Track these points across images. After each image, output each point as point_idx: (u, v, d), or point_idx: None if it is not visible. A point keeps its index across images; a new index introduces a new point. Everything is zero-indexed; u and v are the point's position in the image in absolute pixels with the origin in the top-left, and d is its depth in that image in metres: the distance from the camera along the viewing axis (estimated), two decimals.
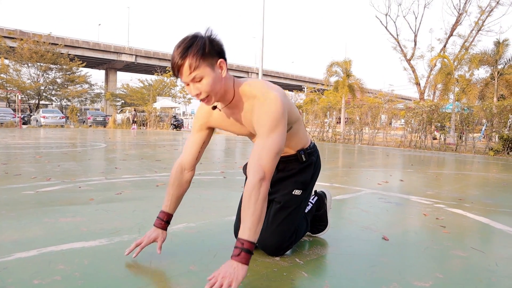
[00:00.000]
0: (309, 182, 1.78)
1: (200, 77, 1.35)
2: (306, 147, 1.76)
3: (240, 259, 1.27)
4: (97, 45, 39.32)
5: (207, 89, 1.37)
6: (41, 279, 1.40)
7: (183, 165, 1.67)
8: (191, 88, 1.39)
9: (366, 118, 13.33)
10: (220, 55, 1.39)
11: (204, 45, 1.34)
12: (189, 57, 1.32)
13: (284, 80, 53.40)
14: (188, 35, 1.37)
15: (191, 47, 1.32)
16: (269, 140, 1.38)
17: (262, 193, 1.33)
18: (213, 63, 1.37)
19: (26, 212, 2.40)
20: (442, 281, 1.50)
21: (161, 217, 1.68)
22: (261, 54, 18.57)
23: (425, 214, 2.64)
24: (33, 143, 9.00)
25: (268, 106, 1.40)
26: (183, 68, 1.33)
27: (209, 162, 5.63)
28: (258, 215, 1.32)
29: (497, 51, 16.81)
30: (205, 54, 1.33)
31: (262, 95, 1.43)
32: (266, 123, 1.39)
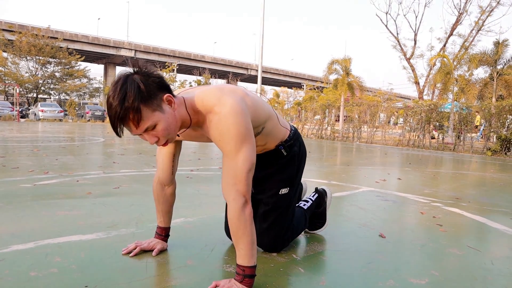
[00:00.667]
0: (295, 176, 1.71)
1: (153, 124, 1.19)
2: (286, 139, 1.63)
3: (244, 284, 1.28)
4: (96, 39, 39.19)
5: (164, 134, 1.23)
6: (38, 271, 1.40)
7: (162, 182, 1.62)
8: (147, 138, 1.23)
9: (365, 117, 13.33)
10: (162, 90, 1.22)
11: (140, 89, 1.15)
12: (130, 111, 1.14)
13: (284, 77, 53.36)
14: (117, 79, 1.18)
15: (125, 98, 1.13)
16: (239, 159, 1.26)
17: (248, 218, 1.27)
18: (158, 103, 1.20)
19: (23, 205, 2.40)
20: (437, 278, 1.51)
21: (159, 232, 1.69)
22: (260, 51, 18.53)
23: (422, 213, 2.65)
24: (31, 136, 8.98)
25: (226, 121, 1.24)
26: (127, 124, 1.17)
27: (207, 158, 5.62)
28: (250, 240, 1.28)
29: (496, 51, 16.81)
30: (144, 98, 1.16)
31: (217, 106, 1.26)
32: (230, 142, 1.25)
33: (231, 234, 1.31)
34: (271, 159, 1.65)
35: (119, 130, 1.18)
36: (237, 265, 1.30)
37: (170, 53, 43.55)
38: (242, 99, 1.33)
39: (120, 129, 1.18)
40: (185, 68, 43.90)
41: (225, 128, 1.24)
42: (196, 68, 35.14)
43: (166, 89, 1.24)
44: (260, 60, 18.74)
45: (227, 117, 1.24)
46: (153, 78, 1.21)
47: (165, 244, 1.68)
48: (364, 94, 20.32)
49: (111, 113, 1.15)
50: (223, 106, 1.26)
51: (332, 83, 20.03)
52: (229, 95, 1.29)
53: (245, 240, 1.28)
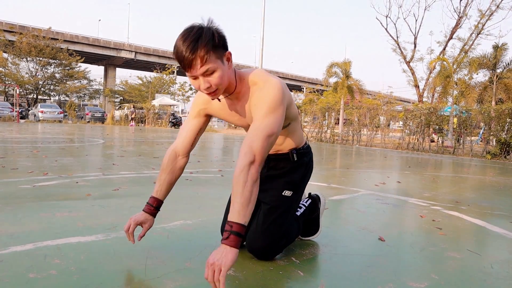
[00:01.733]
0: (300, 183, 1.72)
1: (212, 70, 1.30)
2: (300, 147, 1.72)
3: (229, 242, 1.23)
4: (96, 41, 39.25)
5: (217, 82, 1.33)
6: (37, 273, 1.40)
7: (177, 151, 1.64)
8: (201, 82, 1.33)
9: (364, 120, 13.34)
10: (226, 47, 1.36)
11: (213, 37, 1.29)
12: (200, 50, 1.25)
13: (284, 80, 53.34)
14: (192, 26, 1.30)
15: (200, 38, 1.26)
16: (264, 122, 1.35)
17: (251, 176, 1.28)
18: (221, 56, 1.33)
19: (22, 206, 2.39)
20: (437, 282, 1.50)
21: (151, 202, 1.63)
22: (261, 54, 18.58)
23: (422, 216, 2.65)
24: (31, 137, 8.98)
25: (267, 90, 1.39)
26: (194, 61, 1.27)
27: (207, 160, 5.62)
28: (247, 197, 1.27)
29: (495, 55, 16.86)
30: (215, 46, 1.29)
31: (263, 81, 1.42)
32: (264, 106, 1.37)
33: (232, 189, 1.29)
34: (281, 163, 1.70)
35: (187, 66, 1.28)
36: (227, 222, 1.27)
37: (170, 55, 43.42)
38: (285, 85, 1.47)
39: (187, 66, 1.28)
40: None
41: (264, 95, 1.39)
42: None
43: (227, 48, 1.37)
44: (260, 62, 18.77)
45: (269, 88, 1.39)
46: (221, 34, 1.34)
47: (152, 220, 1.62)
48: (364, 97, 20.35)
49: (182, 50, 1.26)
50: (269, 82, 1.42)
51: (332, 86, 20.06)
52: (276, 78, 1.46)
53: (242, 196, 1.26)
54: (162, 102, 27.83)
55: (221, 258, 1.21)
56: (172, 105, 29.56)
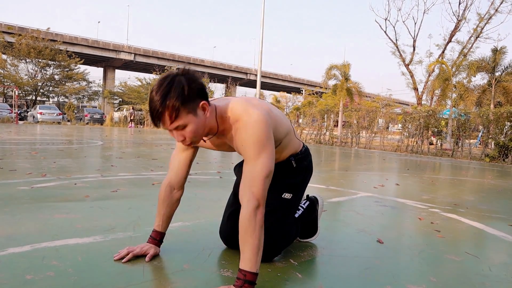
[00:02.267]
0: (300, 185, 1.74)
1: (184, 125, 1.28)
2: (297, 152, 1.70)
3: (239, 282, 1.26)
4: (96, 42, 39.26)
5: (191, 136, 1.31)
6: (34, 275, 1.39)
7: (172, 185, 1.63)
8: (175, 135, 1.32)
9: (363, 122, 13.36)
10: (201, 97, 1.31)
11: (183, 90, 1.24)
12: (169, 106, 1.23)
13: (283, 82, 53.47)
14: (165, 77, 1.28)
15: (169, 93, 1.23)
16: (258, 164, 1.33)
17: (258, 223, 1.30)
18: (194, 107, 1.29)
19: (20, 207, 2.39)
20: (435, 284, 1.50)
21: (154, 236, 1.67)
22: (260, 56, 18.60)
23: (420, 218, 2.65)
24: (29, 139, 8.96)
25: (252, 129, 1.33)
26: (163, 117, 1.25)
27: (206, 162, 5.62)
28: (257, 245, 1.28)
29: (494, 58, 16.90)
30: (185, 100, 1.25)
31: (244, 116, 1.35)
32: (252, 147, 1.33)
33: (240, 235, 1.30)
34: (280, 169, 1.67)
35: (156, 121, 1.27)
36: (239, 269, 1.28)
37: (170, 57, 43.65)
38: (267, 112, 1.42)
39: (157, 121, 1.27)
40: None
41: (249, 135, 1.33)
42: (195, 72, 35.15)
43: (204, 96, 1.33)
44: (259, 64, 18.80)
45: (252, 125, 1.33)
46: (196, 84, 1.30)
47: (158, 250, 1.66)
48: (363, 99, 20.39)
49: (152, 105, 1.25)
50: (250, 116, 1.34)
51: (331, 89, 20.09)
52: (256, 107, 1.39)
53: (252, 243, 1.28)
54: None
55: None
56: None
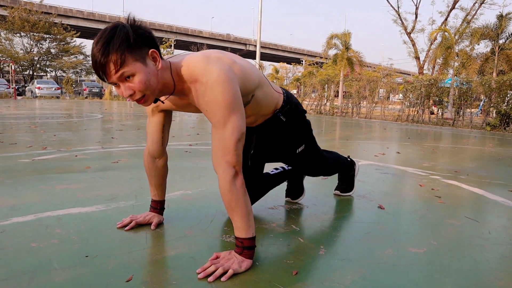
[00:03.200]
0: (303, 131, 1.72)
1: (131, 73, 1.15)
2: (282, 105, 1.59)
3: (244, 255, 1.27)
4: (91, 14, 38.40)
5: (141, 88, 1.17)
6: (39, 242, 1.41)
7: (152, 154, 1.59)
8: (122, 89, 1.17)
9: (364, 92, 13.24)
10: (150, 45, 1.19)
11: (128, 36, 1.12)
12: (112, 53, 1.10)
13: (282, 53, 52.67)
14: (106, 27, 1.15)
15: (112, 40, 1.11)
16: (227, 130, 1.21)
17: (240, 190, 1.25)
18: (143, 56, 1.17)
19: (22, 179, 2.39)
20: (436, 247, 1.52)
21: (154, 206, 1.67)
22: (259, 26, 18.22)
23: (421, 185, 2.66)
24: (28, 113, 8.92)
25: (215, 91, 1.19)
26: (107, 67, 1.12)
27: (206, 133, 5.61)
28: (245, 211, 1.26)
29: (499, 24, 16.53)
30: (131, 46, 1.13)
31: (203, 76, 1.21)
32: (218, 112, 1.21)
33: (225, 207, 1.27)
34: (272, 127, 1.63)
35: (100, 72, 1.14)
36: (235, 237, 1.29)
37: (167, 28, 42.77)
38: (230, 67, 1.26)
39: (101, 71, 1.14)
40: (183, 44, 43.21)
41: (212, 98, 1.20)
42: (193, 43, 34.60)
43: (154, 45, 1.21)
44: (259, 35, 18.45)
45: (214, 86, 1.19)
46: (142, 31, 1.18)
47: (161, 217, 1.67)
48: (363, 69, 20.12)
49: (94, 56, 1.12)
50: (210, 75, 1.20)
51: (331, 59, 19.79)
52: (216, 64, 1.23)
53: (240, 211, 1.25)
54: None
55: (234, 263, 1.24)
56: None
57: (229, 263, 1.24)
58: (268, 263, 1.32)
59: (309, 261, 1.35)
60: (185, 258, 1.33)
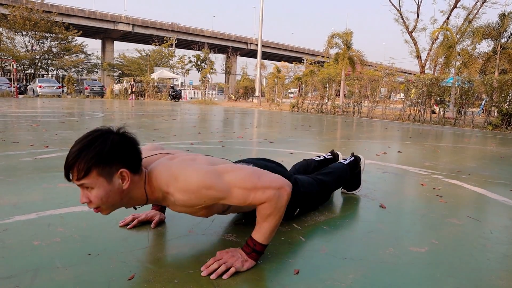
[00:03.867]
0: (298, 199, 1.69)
1: (90, 186, 1.14)
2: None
3: (251, 257, 1.27)
4: (92, 13, 38.45)
5: (96, 202, 1.16)
6: (41, 241, 1.41)
7: None
8: (81, 195, 1.18)
9: (365, 91, 13.22)
10: (125, 163, 1.17)
11: (102, 151, 1.12)
12: (79, 161, 1.11)
13: (284, 52, 52.66)
14: (96, 130, 1.18)
15: (86, 149, 1.12)
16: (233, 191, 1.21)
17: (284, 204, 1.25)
18: (111, 173, 1.15)
19: (24, 177, 2.40)
20: (437, 247, 1.52)
21: (155, 208, 1.69)
22: (260, 25, 18.20)
23: (423, 184, 2.66)
24: (30, 112, 8.93)
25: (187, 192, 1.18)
26: (71, 171, 1.13)
27: (207, 132, 5.61)
28: (276, 223, 1.27)
29: (502, 24, 16.48)
30: (100, 161, 1.12)
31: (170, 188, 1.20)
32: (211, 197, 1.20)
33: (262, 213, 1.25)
34: None
35: (66, 171, 1.15)
36: (251, 237, 1.28)
37: (169, 27, 42.80)
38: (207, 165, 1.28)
39: (66, 171, 1.15)
40: (184, 43, 43.21)
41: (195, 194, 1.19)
42: (195, 42, 34.58)
43: (130, 164, 1.19)
44: (260, 34, 18.43)
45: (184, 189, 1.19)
46: (126, 148, 1.18)
47: (163, 216, 1.68)
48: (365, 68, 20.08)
49: (69, 153, 1.14)
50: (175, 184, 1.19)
51: (332, 57, 19.76)
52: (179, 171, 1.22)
53: (273, 223, 1.26)
54: (161, 75, 27.54)
55: (238, 260, 1.25)
56: (171, 78, 29.28)
57: (232, 260, 1.24)
58: (269, 262, 1.32)
59: (311, 260, 1.36)
60: (187, 257, 1.33)
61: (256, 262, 1.28)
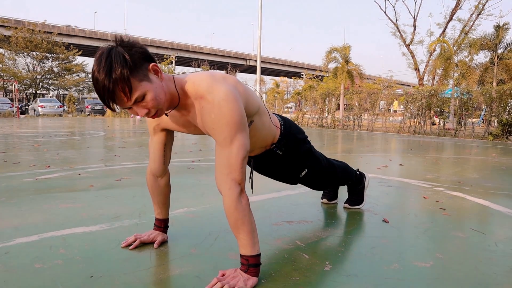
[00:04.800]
0: (305, 157, 1.78)
1: (141, 95, 1.15)
2: (278, 139, 1.63)
3: (250, 273, 1.26)
4: (93, 33, 38.98)
5: (153, 105, 1.18)
6: (43, 263, 1.40)
7: (154, 173, 1.59)
8: (137, 111, 1.19)
9: (365, 104, 13.28)
10: (147, 60, 1.18)
11: (124, 61, 1.11)
12: (118, 82, 1.10)
13: (283, 67, 53.09)
14: (100, 53, 1.13)
15: (111, 70, 1.09)
16: (233, 148, 1.22)
17: (245, 207, 1.26)
18: (145, 73, 1.17)
19: (26, 199, 2.40)
20: (442, 261, 1.50)
21: (158, 224, 1.67)
22: (259, 41, 18.40)
23: (425, 197, 2.65)
24: (32, 132, 8.97)
25: (221, 109, 1.20)
26: (116, 96, 1.13)
27: (208, 149, 5.62)
28: (250, 228, 1.26)
29: (497, 35, 16.67)
30: (131, 69, 1.12)
31: (210, 94, 1.22)
32: (225, 130, 1.21)
33: (230, 225, 1.27)
34: (269, 159, 1.70)
35: (110, 103, 1.14)
36: (241, 255, 1.28)
37: (168, 45, 43.31)
38: (235, 86, 1.29)
39: (111, 103, 1.14)
40: (184, 60, 43.68)
41: (219, 116, 1.20)
42: (194, 59, 34.96)
43: (151, 59, 1.20)
44: (259, 50, 18.62)
45: (221, 104, 1.20)
46: (136, 48, 1.16)
47: (165, 236, 1.66)
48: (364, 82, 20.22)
49: (99, 88, 1.11)
50: (216, 94, 1.21)
51: (331, 72, 19.92)
52: (222, 83, 1.25)
53: (245, 229, 1.25)
54: None
55: (240, 280, 1.23)
56: None
57: (235, 281, 1.23)
58: (273, 280, 1.31)
59: (315, 277, 1.34)
60: (190, 277, 1.32)
61: (258, 278, 1.27)
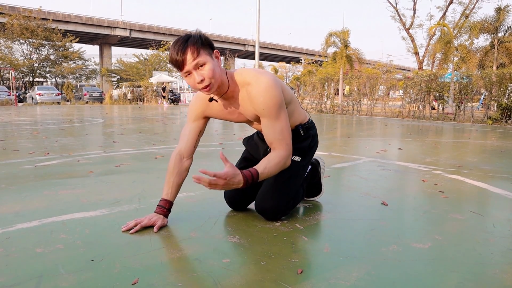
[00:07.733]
0: (308, 150, 1.84)
1: (203, 63, 1.43)
2: (304, 123, 1.82)
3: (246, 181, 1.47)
4: (90, 19, 38.43)
5: (210, 75, 1.44)
6: (44, 248, 1.41)
7: (182, 153, 1.72)
8: (195, 76, 1.44)
9: (364, 89, 13.23)
10: (212, 47, 1.49)
11: (200, 38, 1.45)
12: (190, 47, 1.41)
13: (281, 52, 52.64)
14: (181, 36, 1.48)
15: (189, 39, 1.43)
16: (282, 121, 1.56)
17: (286, 164, 1.60)
18: (210, 53, 1.47)
19: (26, 185, 2.40)
20: (440, 242, 1.52)
21: (163, 204, 1.68)
22: (257, 26, 18.20)
23: (424, 180, 2.66)
24: (30, 120, 8.94)
25: (268, 93, 1.52)
26: (186, 56, 1.41)
27: (207, 134, 5.61)
28: (273, 173, 1.57)
29: (497, 18, 16.48)
30: (203, 44, 1.44)
31: (256, 81, 1.53)
32: (273, 109, 1.53)
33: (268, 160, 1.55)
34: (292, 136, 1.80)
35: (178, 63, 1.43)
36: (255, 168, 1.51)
37: (166, 31, 42.79)
38: (275, 77, 1.59)
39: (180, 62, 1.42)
40: None
41: (267, 98, 1.52)
42: None
43: (214, 49, 1.51)
44: (257, 35, 18.44)
45: (268, 89, 1.52)
46: (208, 38, 1.49)
47: (166, 220, 1.68)
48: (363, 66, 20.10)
49: (175, 50, 1.42)
50: (263, 81, 1.52)
51: (330, 57, 19.78)
52: (265, 73, 1.57)
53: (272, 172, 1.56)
54: (160, 79, 27.55)
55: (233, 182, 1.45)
56: (170, 82, 29.27)
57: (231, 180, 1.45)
58: (273, 262, 1.32)
59: (314, 259, 1.36)
60: (190, 260, 1.33)
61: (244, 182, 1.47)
